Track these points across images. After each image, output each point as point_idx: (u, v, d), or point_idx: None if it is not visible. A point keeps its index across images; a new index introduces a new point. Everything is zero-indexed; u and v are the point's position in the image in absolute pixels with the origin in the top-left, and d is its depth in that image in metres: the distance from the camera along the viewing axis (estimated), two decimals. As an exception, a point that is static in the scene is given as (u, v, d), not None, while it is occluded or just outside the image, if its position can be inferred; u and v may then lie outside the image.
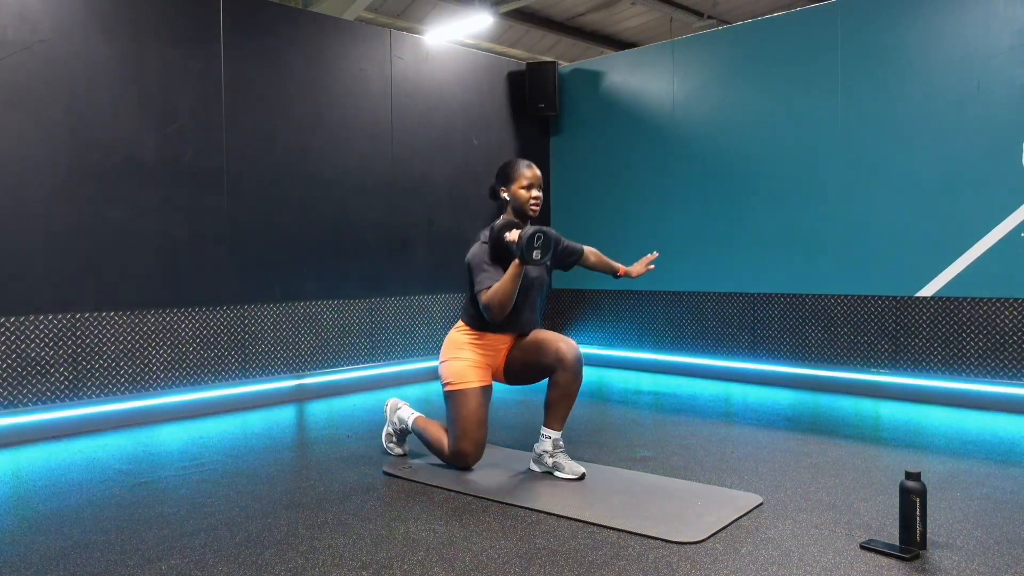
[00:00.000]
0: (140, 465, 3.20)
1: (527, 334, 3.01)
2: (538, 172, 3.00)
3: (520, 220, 2.97)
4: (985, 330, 4.09)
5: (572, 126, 6.01)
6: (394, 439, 3.24)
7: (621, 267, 3.31)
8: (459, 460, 2.95)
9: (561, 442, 2.93)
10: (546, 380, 2.95)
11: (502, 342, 3.02)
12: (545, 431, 2.92)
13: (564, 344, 2.86)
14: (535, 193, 2.96)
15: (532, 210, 2.97)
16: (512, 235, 2.78)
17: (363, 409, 4.32)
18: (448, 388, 2.95)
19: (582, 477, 2.83)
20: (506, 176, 3.00)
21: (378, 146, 5.04)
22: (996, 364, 4.07)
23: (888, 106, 4.35)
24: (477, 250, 2.92)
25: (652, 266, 3.27)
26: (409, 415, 3.17)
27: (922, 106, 4.23)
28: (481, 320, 2.94)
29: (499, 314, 2.78)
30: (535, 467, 2.95)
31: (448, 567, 2.08)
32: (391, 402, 3.30)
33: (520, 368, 3.01)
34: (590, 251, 3.31)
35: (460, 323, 3.05)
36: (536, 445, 2.95)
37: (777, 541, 2.24)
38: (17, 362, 3.65)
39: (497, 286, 2.77)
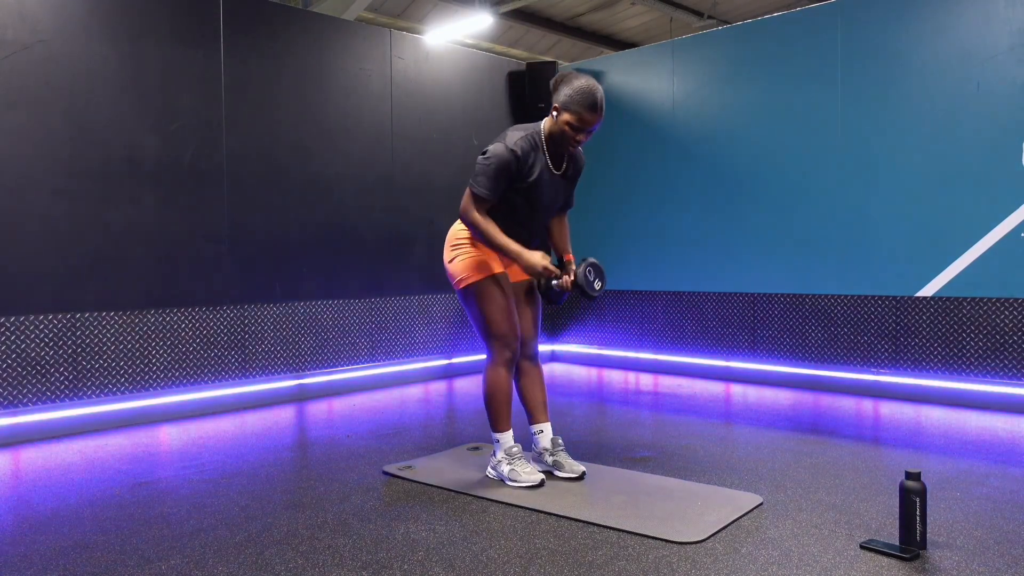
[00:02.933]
0: (140, 465, 3.20)
1: (530, 247, 2.75)
2: (601, 117, 2.61)
3: (549, 145, 2.71)
4: (985, 330, 4.09)
5: (572, 126, 6.00)
6: (504, 465, 2.82)
7: (570, 257, 2.86)
8: (505, 361, 2.76)
9: (559, 440, 2.93)
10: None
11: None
12: (536, 427, 2.91)
13: (534, 342, 2.92)
14: (581, 138, 2.65)
15: (568, 150, 2.71)
16: (564, 281, 2.66)
17: (363, 409, 4.31)
18: (463, 285, 2.71)
19: (582, 476, 2.83)
20: (569, 99, 2.61)
21: (378, 146, 5.03)
22: (996, 364, 4.07)
23: (888, 106, 4.35)
24: (501, 152, 2.61)
25: (566, 277, 2.69)
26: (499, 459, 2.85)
27: (922, 106, 4.23)
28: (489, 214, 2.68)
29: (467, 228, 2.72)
30: (535, 466, 2.95)
31: (448, 567, 2.08)
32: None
33: None
34: (563, 220, 3.00)
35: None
36: (534, 445, 2.94)
37: (777, 541, 2.24)
38: (17, 362, 3.65)
39: (487, 229, 2.62)
